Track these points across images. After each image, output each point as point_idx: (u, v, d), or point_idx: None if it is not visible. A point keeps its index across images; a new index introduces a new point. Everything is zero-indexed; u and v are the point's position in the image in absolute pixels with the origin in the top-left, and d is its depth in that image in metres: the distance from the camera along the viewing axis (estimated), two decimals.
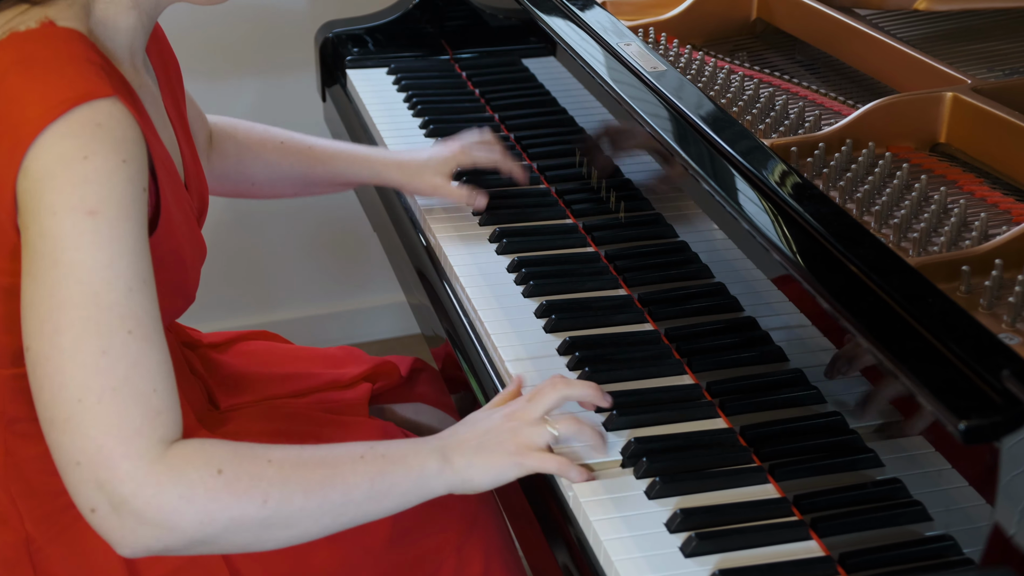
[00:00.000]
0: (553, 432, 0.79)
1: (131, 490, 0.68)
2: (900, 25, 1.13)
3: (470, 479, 0.78)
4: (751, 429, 0.84)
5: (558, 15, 1.17)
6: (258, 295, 1.89)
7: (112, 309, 0.69)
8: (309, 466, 0.72)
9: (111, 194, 0.69)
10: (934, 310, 0.69)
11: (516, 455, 0.78)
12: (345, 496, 0.73)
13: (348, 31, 1.45)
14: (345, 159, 1.09)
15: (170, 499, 0.69)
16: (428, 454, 0.77)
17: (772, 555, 0.75)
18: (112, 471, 0.68)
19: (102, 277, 0.69)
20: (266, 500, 0.71)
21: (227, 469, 0.70)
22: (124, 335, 0.69)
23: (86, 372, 0.68)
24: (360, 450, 0.75)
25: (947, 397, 0.64)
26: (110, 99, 0.71)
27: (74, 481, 0.69)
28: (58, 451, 0.69)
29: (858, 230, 0.78)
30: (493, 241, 1.10)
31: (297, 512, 0.72)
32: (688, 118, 0.94)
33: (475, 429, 0.79)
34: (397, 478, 0.75)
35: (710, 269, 0.94)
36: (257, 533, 0.72)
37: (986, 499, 0.64)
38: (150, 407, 0.69)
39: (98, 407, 0.68)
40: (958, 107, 0.94)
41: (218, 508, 0.70)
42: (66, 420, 0.68)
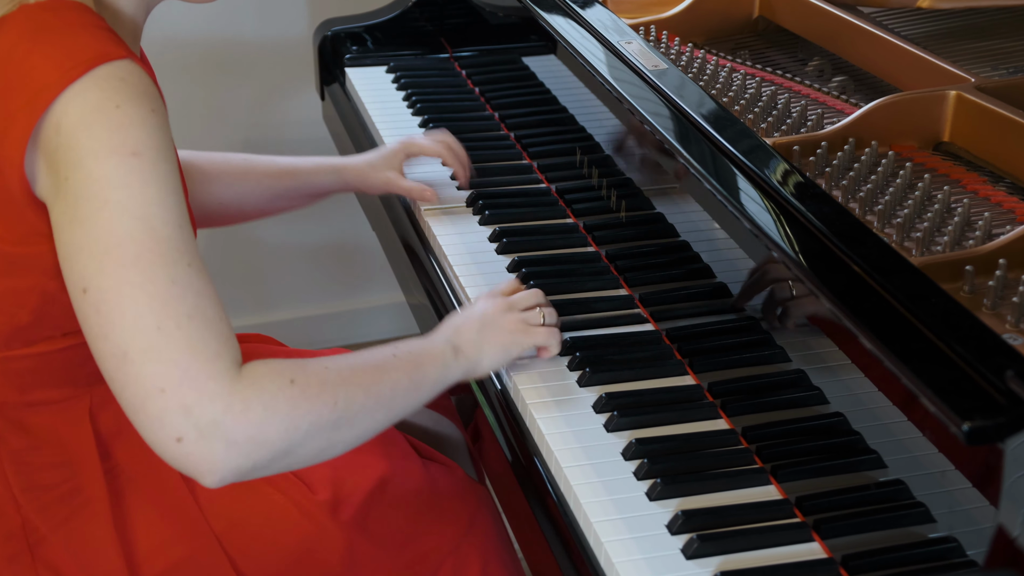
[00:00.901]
0: (543, 318, 0.90)
1: (220, 409, 0.70)
2: (903, 23, 1.13)
3: (479, 361, 0.86)
4: (753, 430, 0.84)
5: (558, 13, 1.17)
6: (255, 295, 1.89)
7: (170, 242, 0.71)
8: (359, 368, 0.78)
9: (149, 137, 0.71)
10: (937, 310, 0.69)
11: (517, 333, 0.88)
12: (392, 390, 0.79)
13: (347, 29, 1.45)
14: (309, 171, 1.12)
15: (257, 412, 0.71)
16: (442, 345, 0.84)
17: (774, 557, 0.74)
18: (200, 392, 0.69)
19: (155, 213, 0.70)
20: (336, 401, 0.75)
21: (298, 378, 0.73)
22: (185, 267, 0.71)
23: (161, 300, 0.69)
24: (389, 351, 0.81)
25: (950, 398, 0.64)
26: (127, 60, 0.73)
27: (157, 411, 0.69)
28: (136, 383, 0.69)
29: (861, 230, 0.78)
30: (493, 240, 1.10)
31: (359, 409, 0.76)
32: (690, 117, 0.94)
33: (470, 320, 0.87)
34: (427, 369, 0.82)
35: (712, 269, 0.93)
36: (329, 436, 0.75)
37: (990, 501, 0.64)
38: (221, 332, 0.72)
39: (178, 332, 0.69)
40: (961, 105, 0.94)
41: (299, 414, 0.73)
42: (145, 349, 0.69)
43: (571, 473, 0.81)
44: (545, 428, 0.86)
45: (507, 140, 1.27)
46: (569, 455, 0.83)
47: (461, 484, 0.98)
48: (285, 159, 1.12)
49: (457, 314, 0.89)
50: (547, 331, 0.89)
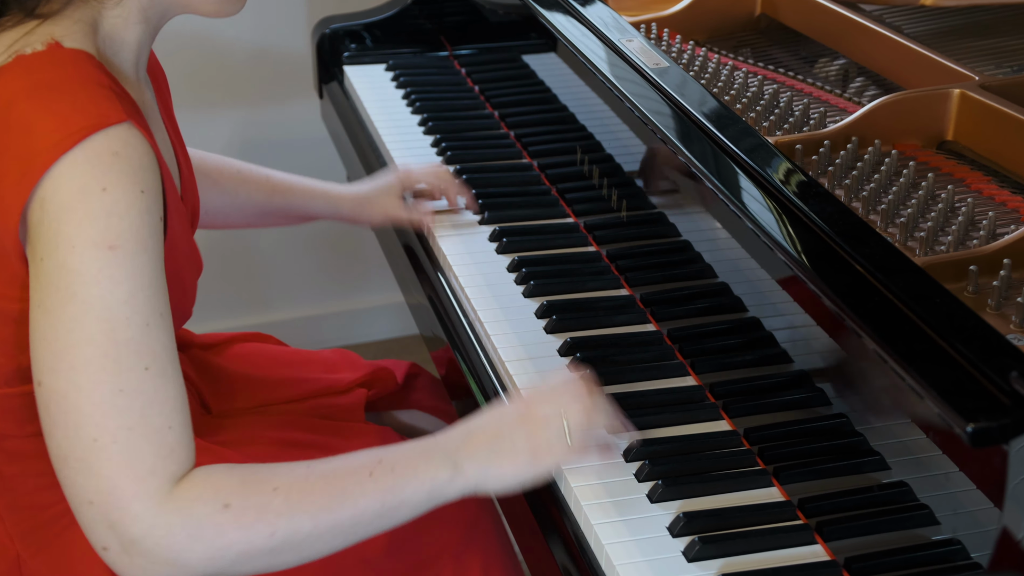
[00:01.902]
0: (567, 430, 0.77)
1: (141, 531, 0.68)
2: (906, 20, 1.12)
3: (483, 485, 0.76)
4: (755, 431, 0.84)
5: (559, 10, 1.16)
6: (253, 295, 1.88)
7: (129, 345, 0.68)
8: (316, 491, 0.72)
9: (130, 227, 0.69)
10: (941, 310, 0.69)
11: (532, 457, 0.76)
12: (355, 518, 0.73)
13: (345, 27, 1.45)
14: (303, 193, 1.11)
15: (179, 539, 0.69)
16: (439, 463, 0.75)
17: (777, 559, 0.74)
18: (123, 512, 0.68)
19: (121, 313, 0.68)
20: (274, 532, 0.71)
21: (234, 503, 0.70)
22: (140, 372, 0.69)
23: (103, 411, 0.68)
24: (369, 466, 0.73)
25: (954, 399, 0.63)
26: (124, 124, 0.70)
27: (87, 520, 0.69)
28: (71, 489, 0.70)
29: (864, 229, 0.78)
30: (493, 240, 1.09)
31: (306, 538, 0.72)
32: (691, 115, 0.93)
33: (484, 431, 0.77)
34: (408, 493, 0.74)
35: (713, 269, 0.93)
36: (267, 560, 0.72)
37: (994, 502, 0.64)
38: (164, 445, 0.69)
39: (113, 447, 0.68)
40: (965, 104, 0.94)
41: (226, 543, 0.70)
42: (80, 459, 0.68)
43: (571, 475, 0.81)
44: None
45: (507, 139, 1.26)
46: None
47: None
48: (280, 176, 1.11)
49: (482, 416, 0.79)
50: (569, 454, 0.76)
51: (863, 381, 0.74)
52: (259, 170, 1.11)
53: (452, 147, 1.24)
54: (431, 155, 1.25)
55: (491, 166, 1.21)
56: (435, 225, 1.10)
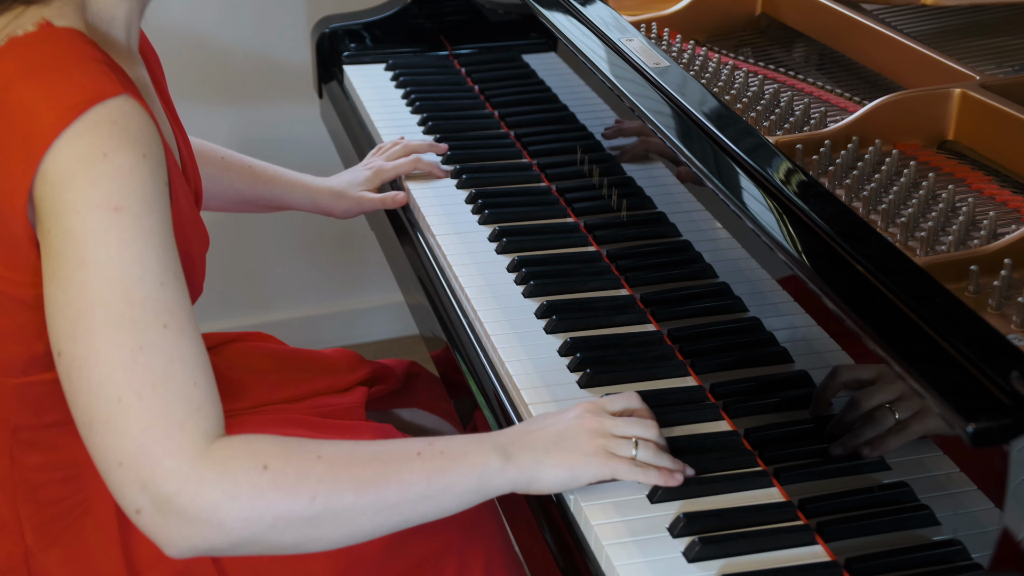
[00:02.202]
0: (634, 452, 0.76)
1: (175, 488, 0.67)
2: (907, 20, 1.12)
3: (537, 478, 0.75)
4: (756, 432, 0.83)
5: (559, 10, 1.16)
6: (252, 295, 1.88)
7: (145, 304, 0.68)
8: (361, 463, 0.71)
9: (134, 189, 0.69)
10: (942, 310, 0.69)
11: (594, 457, 0.75)
12: (400, 495, 0.71)
13: (345, 26, 1.45)
14: (284, 184, 1.14)
15: (214, 496, 0.67)
16: (491, 451, 0.74)
17: (777, 560, 0.74)
18: (155, 469, 0.67)
19: (132, 273, 0.68)
20: (314, 497, 0.69)
21: (273, 465, 0.69)
22: (159, 329, 0.68)
23: (124, 370, 0.67)
24: (417, 447, 0.73)
25: (955, 399, 0.63)
26: (121, 96, 0.70)
27: (117, 483, 0.68)
28: (99, 454, 0.68)
29: (864, 229, 0.77)
30: (492, 240, 1.09)
31: (348, 510, 0.70)
32: (691, 115, 0.93)
33: (545, 429, 0.77)
34: (456, 476, 0.73)
35: (714, 269, 0.93)
36: (306, 531, 0.70)
37: (995, 503, 0.64)
38: (191, 401, 0.68)
39: (138, 404, 0.67)
40: (966, 104, 0.93)
41: (263, 505, 0.68)
42: (106, 421, 0.67)
43: None
44: None
45: (507, 139, 1.26)
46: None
47: None
48: (262, 165, 1.13)
49: (542, 416, 0.79)
50: (632, 467, 0.75)
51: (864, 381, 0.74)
52: (241, 158, 1.13)
53: (452, 146, 1.24)
54: (431, 154, 1.25)
55: (491, 166, 1.20)
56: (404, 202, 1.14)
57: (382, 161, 1.18)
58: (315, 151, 1.73)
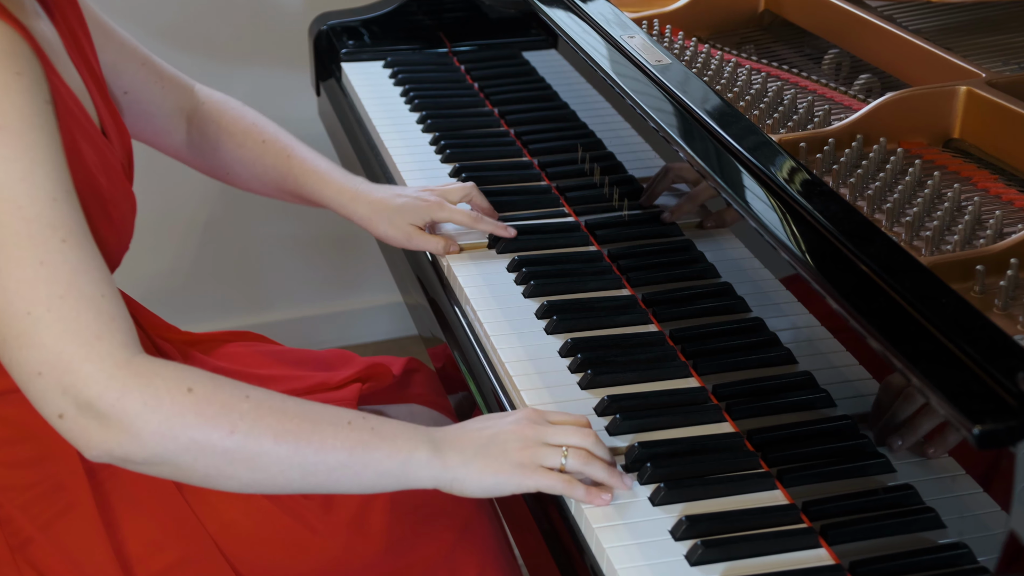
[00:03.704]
0: (562, 461, 0.76)
1: (96, 391, 0.68)
2: (912, 17, 1.12)
3: (461, 480, 0.75)
4: (759, 433, 0.83)
5: (559, 6, 1.15)
6: (249, 295, 1.87)
7: (40, 219, 0.68)
8: (288, 415, 0.71)
9: (11, 106, 0.68)
10: (947, 311, 0.68)
11: (519, 468, 0.75)
12: (318, 457, 0.71)
13: (343, 23, 1.44)
14: (320, 179, 1.05)
15: (134, 404, 0.69)
16: (421, 441, 0.74)
17: (780, 563, 0.74)
18: (75, 374, 0.68)
19: (22, 190, 0.68)
20: (232, 431, 0.70)
21: (198, 390, 0.70)
22: (58, 243, 0.69)
23: (28, 285, 0.68)
24: (350, 416, 0.73)
25: (961, 401, 0.63)
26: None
27: (38, 392, 0.69)
28: (17, 368, 0.69)
29: (869, 228, 0.77)
30: (492, 240, 1.08)
31: (263, 455, 0.70)
32: (694, 113, 0.93)
33: (479, 432, 0.77)
34: (380, 455, 0.73)
35: (716, 268, 0.92)
36: (219, 464, 0.70)
37: (1001, 506, 0.64)
38: (102, 311, 0.69)
39: (48, 316, 0.68)
40: (972, 101, 0.93)
41: (181, 424, 0.69)
42: (19, 335, 0.68)
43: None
44: None
45: (507, 137, 1.25)
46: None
47: None
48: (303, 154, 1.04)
49: (483, 417, 0.79)
50: (558, 479, 0.75)
51: (869, 382, 0.73)
52: (285, 143, 1.05)
53: (451, 145, 1.23)
54: (430, 153, 1.24)
55: (491, 164, 1.20)
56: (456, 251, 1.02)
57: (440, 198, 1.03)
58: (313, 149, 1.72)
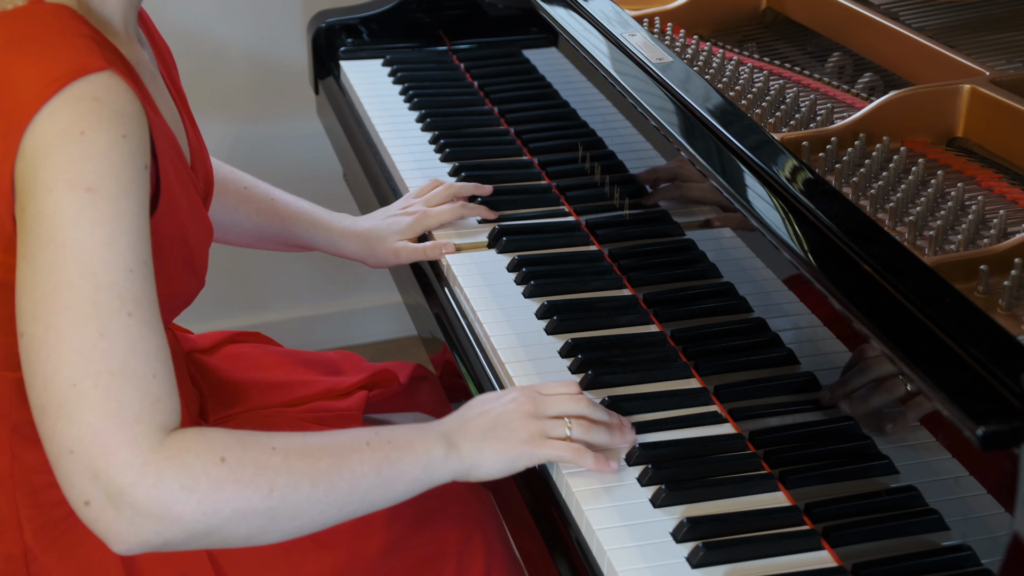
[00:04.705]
0: (567, 432, 0.78)
1: (130, 479, 0.66)
2: (916, 14, 1.11)
3: (477, 465, 0.77)
4: (761, 435, 0.83)
5: (560, 4, 1.15)
6: (248, 295, 1.87)
7: (111, 289, 0.67)
8: (315, 454, 0.71)
9: (110, 170, 0.68)
10: (951, 311, 0.68)
11: (529, 443, 0.77)
12: (352, 485, 0.72)
13: (342, 21, 1.44)
14: (305, 222, 1.06)
15: (171, 489, 0.67)
16: (435, 440, 0.76)
17: (782, 565, 0.73)
18: (109, 459, 0.66)
19: (100, 256, 0.67)
20: (272, 489, 0.69)
21: (231, 457, 0.68)
22: (124, 317, 0.67)
23: (82, 355, 0.66)
24: (365, 436, 0.74)
25: (964, 401, 0.63)
26: (106, 72, 0.70)
27: (67, 471, 0.67)
28: (51, 440, 0.67)
29: (872, 228, 0.77)
30: (492, 240, 1.08)
31: (303, 501, 0.70)
32: (695, 111, 0.92)
33: (484, 416, 0.78)
34: (404, 465, 0.74)
35: (718, 268, 0.92)
36: (261, 524, 0.70)
37: (1005, 507, 0.63)
38: (149, 393, 0.67)
39: (94, 392, 0.66)
40: (976, 100, 0.93)
41: (222, 498, 0.68)
42: (60, 406, 0.66)
43: (573, 479, 0.80)
44: None
45: (507, 135, 1.25)
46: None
47: (463, 486, 0.96)
48: (286, 199, 1.06)
49: (480, 401, 0.81)
50: (567, 448, 0.77)
51: (872, 383, 0.73)
52: (265, 189, 1.06)
53: (451, 144, 1.23)
54: (429, 152, 1.24)
55: (491, 163, 1.19)
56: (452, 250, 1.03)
57: (423, 206, 1.06)
58: (312, 149, 1.72)
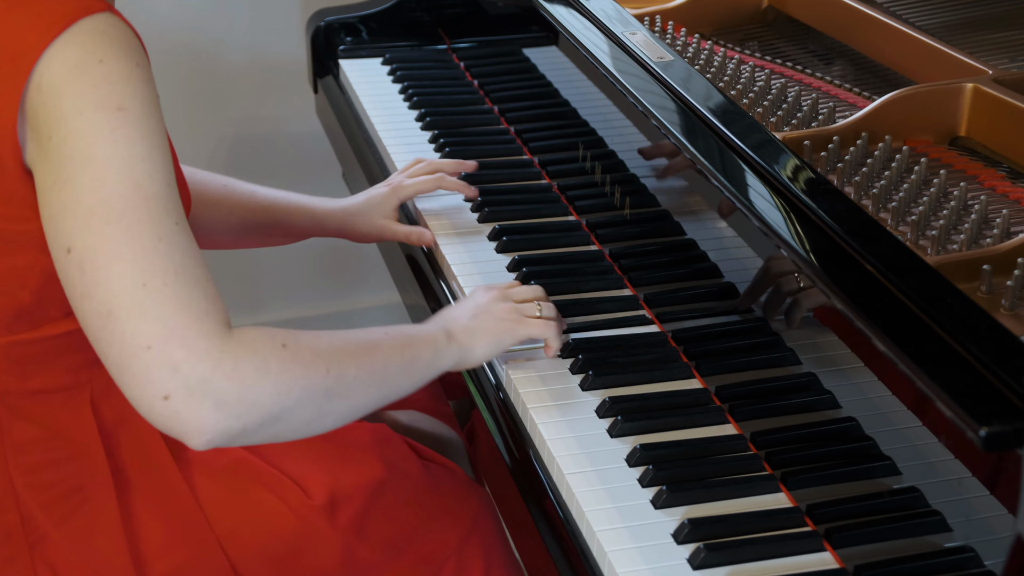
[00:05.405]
0: (538, 312, 0.88)
1: (211, 367, 0.69)
2: (918, 13, 1.11)
3: (471, 348, 0.85)
4: (762, 435, 0.83)
5: (560, 2, 1.15)
6: (246, 295, 1.87)
7: (158, 199, 0.70)
8: (351, 341, 0.78)
9: (134, 92, 0.70)
10: (953, 311, 0.68)
11: (510, 324, 0.86)
12: (385, 366, 0.78)
13: (341, 19, 1.43)
14: (288, 208, 1.08)
15: (248, 372, 0.70)
16: (436, 329, 0.84)
17: (784, 567, 0.73)
18: (189, 349, 0.68)
19: (142, 170, 0.69)
20: (328, 369, 0.74)
21: (289, 343, 0.73)
22: (172, 224, 0.70)
23: (147, 256, 0.69)
24: (382, 330, 0.81)
25: (967, 402, 0.63)
26: (107, 12, 0.71)
27: (144, 367, 0.68)
28: (122, 341, 0.68)
29: (874, 227, 0.77)
30: (492, 239, 1.08)
31: (351, 380, 0.76)
32: (696, 110, 0.92)
33: (466, 311, 0.87)
34: (418, 350, 0.81)
35: (719, 268, 0.91)
36: (320, 405, 0.74)
37: (1008, 509, 0.63)
38: (208, 291, 0.71)
39: (165, 290, 0.69)
40: (979, 99, 0.93)
41: (291, 377, 0.72)
42: (131, 305, 0.68)
43: (573, 480, 0.80)
44: (546, 433, 0.84)
45: (507, 135, 1.25)
46: (571, 461, 0.81)
47: (463, 485, 0.97)
48: (266, 191, 1.09)
49: (457, 303, 0.89)
50: (543, 324, 0.88)
51: (874, 384, 0.72)
52: (242, 185, 1.09)
53: (450, 143, 1.22)
54: (429, 151, 1.23)
55: (491, 162, 1.19)
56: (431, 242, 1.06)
57: (402, 177, 1.10)
58: (310, 148, 1.72)
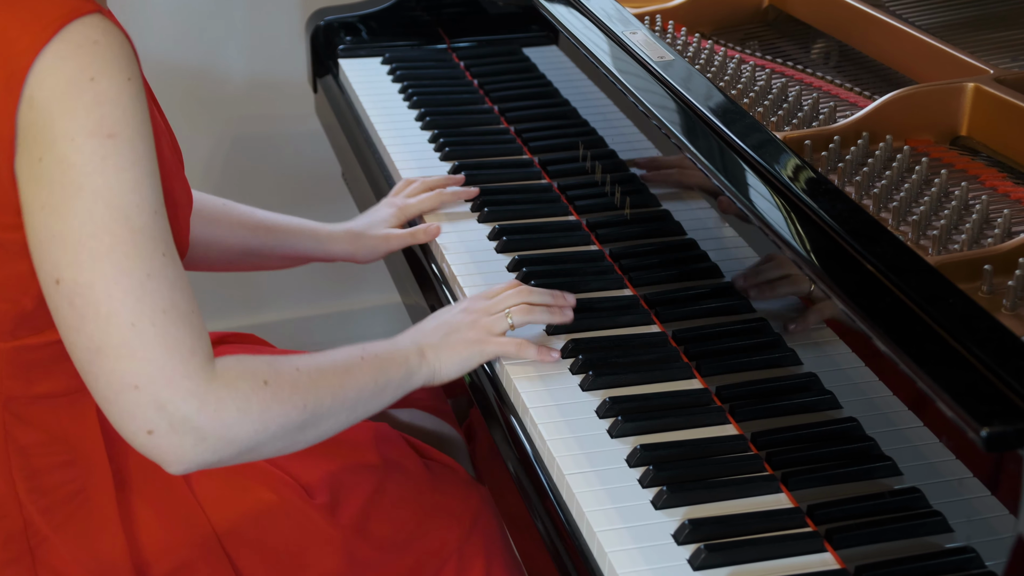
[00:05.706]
0: (509, 321, 0.88)
1: (194, 407, 0.71)
2: (919, 12, 1.11)
3: (439, 369, 0.86)
4: (763, 436, 0.82)
5: (560, 2, 1.15)
6: (245, 295, 1.86)
7: (145, 231, 0.70)
8: (327, 371, 0.79)
9: (124, 115, 0.70)
10: (954, 311, 0.68)
11: (476, 344, 0.87)
12: (357, 394, 0.81)
13: (340, 19, 1.43)
14: (292, 231, 1.08)
15: (230, 412, 0.73)
16: (408, 349, 0.86)
17: (785, 568, 0.73)
18: (174, 390, 0.70)
19: (131, 200, 0.70)
20: (306, 405, 0.77)
21: (271, 381, 0.75)
22: (160, 257, 0.71)
23: (135, 296, 0.70)
24: (358, 353, 0.82)
25: (968, 402, 0.62)
26: (97, 14, 0.71)
27: (128, 406, 0.71)
28: (107, 379, 0.70)
29: (875, 227, 0.77)
30: (492, 239, 1.08)
31: (325, 413, 0.78)
32: (697, 110, 0.92)
33: (437, 328, 0.88)
34: (391, 374, 0.83)
35: (720, 268, 0.91)
36: (294, 436, 0.77)
37: (1009, 509, 0.63)
38: (195, 326, 0.72)
39: (152, 330, 0.70)
40: (980, 98, 0.92)
41: (270, 417, 0.75)
42: (120, 345, 0.70)
43: (573, 480, 0.80)
44: (546, 433, 0.84)
45: (507, 134, 1.24)
46: (571, 461, 0.81)
47: (463, 483, 0.97)
48: (267, 213, 1.08)
49: (435, 315, 0.90)
50: (509, 343, 0.88)
51: (875, 384, 0.72)
52: (242, 207, 1.08)
53: (450, 143, 1.22)
54: (429, 151, 1.23)
55: (491, 162, 1.19)
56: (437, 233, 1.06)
57: (404, 199, 1.10)
58: (310, 147, 1.72)
